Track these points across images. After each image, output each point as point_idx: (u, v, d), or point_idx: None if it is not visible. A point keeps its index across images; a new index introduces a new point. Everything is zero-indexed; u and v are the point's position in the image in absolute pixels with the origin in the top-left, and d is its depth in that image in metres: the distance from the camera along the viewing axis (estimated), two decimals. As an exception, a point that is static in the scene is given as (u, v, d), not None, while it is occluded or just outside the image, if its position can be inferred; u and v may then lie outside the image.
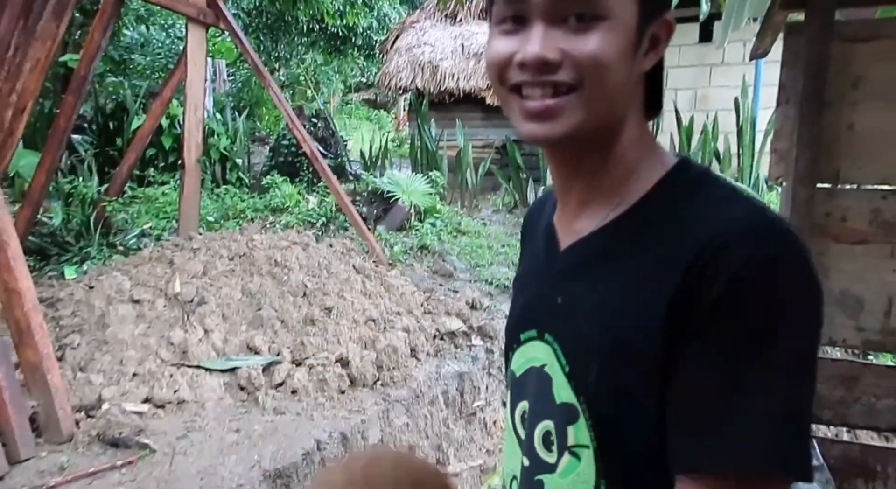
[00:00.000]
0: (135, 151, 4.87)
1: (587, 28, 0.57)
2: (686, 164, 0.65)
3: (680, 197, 0.61)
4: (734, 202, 0.58)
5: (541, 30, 0.57)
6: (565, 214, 0.71)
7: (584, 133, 0.60)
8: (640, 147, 0.65)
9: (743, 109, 6.67)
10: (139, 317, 3.10)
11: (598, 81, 0.57)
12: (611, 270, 0.63)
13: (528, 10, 0.58)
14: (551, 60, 0.57)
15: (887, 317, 2.10)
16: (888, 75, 2.00)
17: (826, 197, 2.09)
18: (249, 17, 12.72)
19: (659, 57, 0.64)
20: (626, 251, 0.62)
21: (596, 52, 0.56)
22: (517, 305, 0.79)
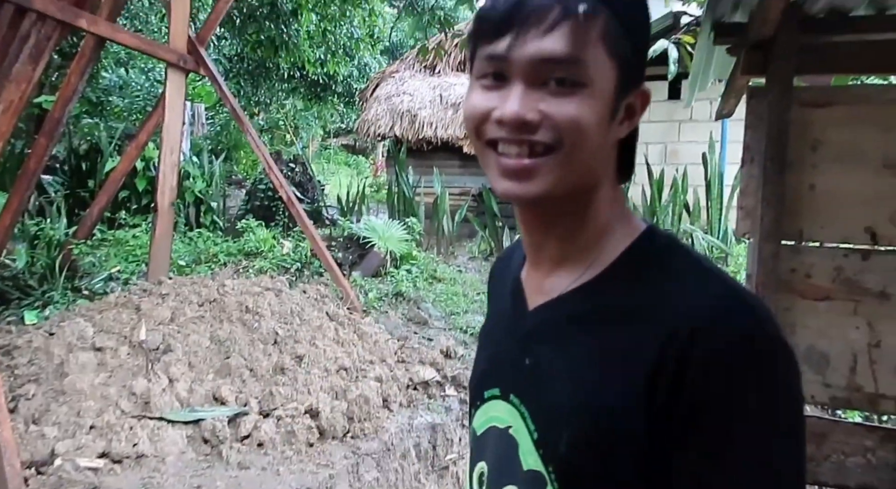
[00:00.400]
0: (106, 193, 4.80)
1: (567, 93, 0.58)
2: (653, 231, 0.66)
3: (649, 267, 0.62)
4: (703, 279, 0.59)
5: (521, 89, 0.58)
6: (535, 273, 0.70)
7: (558, 195, 0.61)
8: (612, 211, 0.66)
9: (711, 164, 6.90)
10: (100, 366, 2.99)
11: (575, 145, 0.58)
12: (582, 337, 0.62)
13: (510, 69, 0.59)
14: (529, 120, 0.58)
15: (853, 374, 2.13)
16: (844, 140, 2.09)
17: (791, 254, 2.14)
18: (231, 63, 12.89)
19: (633, 126, 0.65)
20: (597, 319, 0.62)
21: (575, 117, 0.57)
22: (481, 360, 0.78)
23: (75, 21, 3.40)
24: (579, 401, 0.59)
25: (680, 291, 0.58)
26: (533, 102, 0.58)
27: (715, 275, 0.60)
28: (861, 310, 2.09)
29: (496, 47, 0.59)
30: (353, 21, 10.16)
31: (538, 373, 0.65)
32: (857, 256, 2.09)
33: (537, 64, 0.58)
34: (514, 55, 0.58)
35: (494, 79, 0.60)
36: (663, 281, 0.60)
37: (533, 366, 0.66)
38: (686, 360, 0.54)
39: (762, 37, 2.00)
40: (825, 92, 2.15)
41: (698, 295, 0.57)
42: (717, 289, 0.58)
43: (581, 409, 0.59)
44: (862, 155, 2.07)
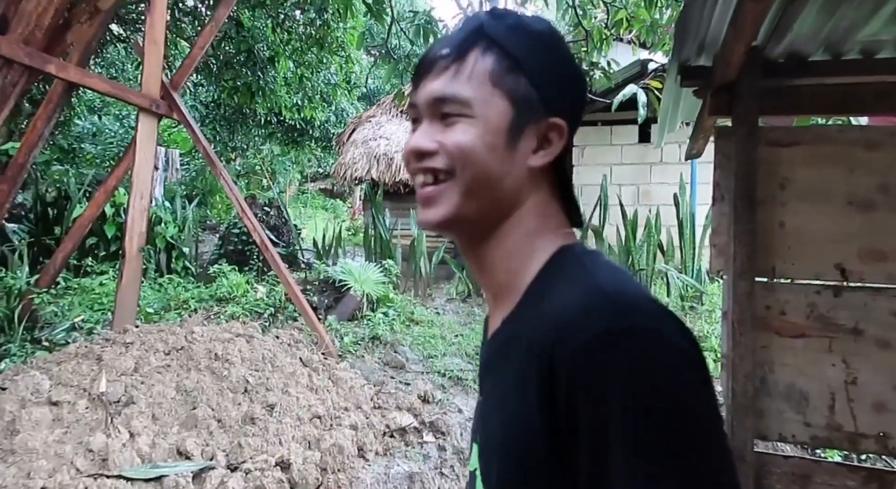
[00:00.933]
0: (72, 240, 4.67)
1: (454, 124, 0.65)
2: (565, 249, 0.66)
3: (550, 284, 0.63)
4: (577, 285, 0.58)
5: (424, 126, 0.68)
6: (490, 307, 0.73)
7: (465, 219, 0.65)
8: (537, 238, 0.67)
9: (682, 205, 7.03)
10: (56, 421, 2.82)
11: (466, 167, 0.64)
12: (506, 364, 0.63)
13: (419, 112, 0.69)
14: (425, 149, 0.65)
15: (832, 413, 2.11)
16: (809, 179, 2.13)
17: (765, 291, 2.15)
18: (207, 109, 12.92)
19: (552, 156, 0.67)
20: (512, 347, 0.62)
21: (459, 142, 0.64)
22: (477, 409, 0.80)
23: (44, 67, 3.36)
24: (505, 431, 0.59)
25: (555, 302, 0.58)
26: (431, 135, 0.66)
27: (591, 277, 0.58)
28: (836, 346, 2.09)
29: (413, 97, 0.70)
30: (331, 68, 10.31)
31: (485, 409, 0.68)
32: (829, 293, 2.10)
33: (430, 104, 0.67)
34: (417, 100, 0.69)
35: (414, 122, 0.71)
36: (550, 296, 0.61)
37: (483, 401, 0.69)
38: (555, 369, 0.53)
39: (726, 80, 2.06)
40: (790, 132, 2.20)
41: (566, 299, 0.57)
42: (584, 291, 0.56)
43: (505, 440, 0.59)
44: (828, 192, 2.11)
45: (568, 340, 0.52)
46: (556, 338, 0.53)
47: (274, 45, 9.00)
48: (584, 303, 0.55)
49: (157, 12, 4.32)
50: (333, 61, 9.94)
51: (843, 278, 2.08)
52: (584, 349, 0.51)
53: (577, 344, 0.52)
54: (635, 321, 0.51)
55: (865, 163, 2.08)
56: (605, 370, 0.49)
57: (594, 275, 0.59)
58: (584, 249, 0.66)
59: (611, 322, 0.51)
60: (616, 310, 0.52)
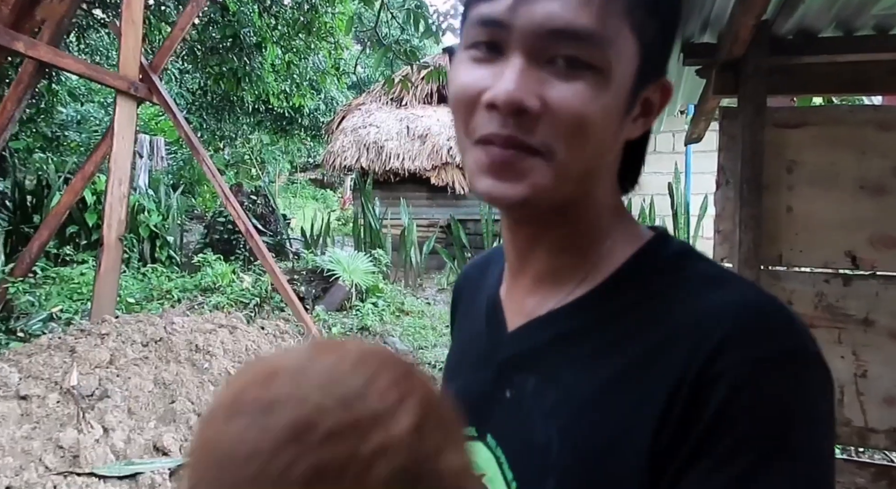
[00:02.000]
0: (48, 228, 4.50)
1: (578, 77, 0.45)
2: (665, 237, 0.54)
3: (660, 276, 0.50)
4: (725, 287, 0.47)
5: (520, 64, 0.45)
6: (517, 288, 0.58)
7: (554, 200, 0.49)
8: (613, 218, 0.55)
9: (677, 194, 6.95)
10: (24, 417, 2.68)
11: (575, 148, 0.47)
12: (575, 362, 0.50)
13: (509, 37, 0.46)
14: (529, 108, 0.45)
15: (840, 407, 2.01)
16: (818, 162, 2.02)
17: (771, 279, 2.04)
18: (194, 97, 12.67)
19: (649, 126, 0.53)
20: (594, 339, 0.50)
21: (580, 111, 0.45)
22: (450, 390, 0.62)
23: (11, 44, 3.19)
24: (573, 441, 0.47)
25: (704, 296, 0.47)
26: (534, 84, 0.45)
27: (744, 281, 0.49)
28: (845, 338, 2.00)
29: (494, 7, 0.46)
30: (319, 54, 10.10)
31: (520, 409, 0.53)
32: (838, 281, 2.00)
33: (545, 35, 0.45)
34: (516, 20, 0.45)
35: (488, 50, 0.47)
36: (680, 289, 0.48)
37: (514, 399, 0.54)
38: (713, 373, 0.43)
39: (733, 57, 1.94)
40: (799, 112, 2.10)
41: (729, 299, 0.46)
42: (750, 295, 0.46)
43: (574, 452, 0.47)
44: (837, 176, 2.01)
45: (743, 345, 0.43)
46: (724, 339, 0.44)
47: (260, 31, 8.79)
48: (760, 310, 0.45)
49: (135, -10, 4.13)
50: (322, 47, 9.74)
51: (854, 266, 1.98)
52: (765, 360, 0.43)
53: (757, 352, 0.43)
54: (812, 345, 0.45)
55: (878, 144, 1.98)
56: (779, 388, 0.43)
57: (739, 277, 0.50)
58: (687, 244, 0.55)
59: (793, 340, 0.44)
60: (793, 328, 0.45)
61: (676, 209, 6.91)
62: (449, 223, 8.85)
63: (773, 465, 0.41)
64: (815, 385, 0.44)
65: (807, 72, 2.09)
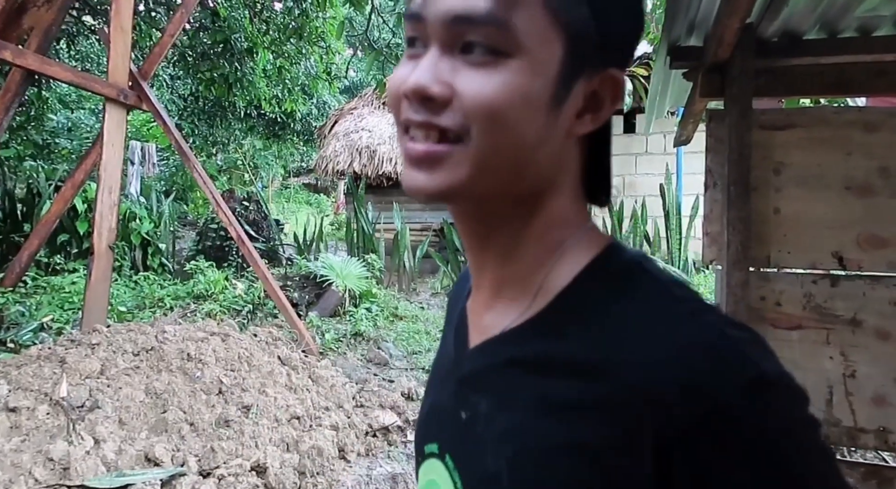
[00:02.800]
0: (38, 237, 4.47)
1: (485, 64, 0.45)
2: (615, 248, 0.52)
3: (609, 296, 0.48)
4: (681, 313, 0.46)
5: (433, 56, 0.47)
6: (478, 301, 0.57)
7: (478, 193, 0.48)
8: (566, 225, 0.52)
9: (668, 195, 6.97)
10: (13, 429, 2.65)
11: (491, 132, 0.45)
12: (524, 388, 0.49)
13: (426, 30, 0.47)
14: (434, 95, 0.45)
15: (829, 407, 2.02)
16: (805, 163, 2.04)
17: (760, 281, 2.05)
18: (185, 103, 12.63)
19: (600, 122, 0.51)
20: (546, 366, 0.48)
21: (488, 96, 0.45)
22: (425, 406, 0.63)
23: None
24: (521, 475, 0.47)
25: (654, 337, 0.44)
26: (443, 73, 0.46)
27: (692, 304, 0.47)
28: (833, 338, 2.01)
29: (414, 3, 0.48)
30: (310, 59, 10.08)
31: (474, 432, 0.52)
32: (825, 282, 2.01)
33: (450, 23, 0.45)
34: (426, 12, 0.47)
35: (413, 45, 0.49)
36: (629, 316, 0.46)
37: (468, 421, 0.53)
38: (679, 426, 0.42)
39: (719, 59, 1.95)
40: (785, 114, 2.10)
41: (679, 342, 0.44)
42: (702, 325, 0.45)
43: (524, 482, 0.46)
44: (824, 177, 2.02)
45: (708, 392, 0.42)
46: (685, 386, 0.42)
47: (252, 36, 8.77)
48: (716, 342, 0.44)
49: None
50: (313, 52, 9.72)
51: (841, 266, 1.99)
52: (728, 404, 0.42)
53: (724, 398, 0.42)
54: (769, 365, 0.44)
55: (864, 145, 1.99)
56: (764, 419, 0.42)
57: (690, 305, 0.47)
58: (640, 254, 0.52)
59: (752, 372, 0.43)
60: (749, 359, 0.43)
61: (668, 210, 6.93)
62: (442, 227, 8.85)
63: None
64: (797, 403, 0.44)
65: (792, 74, 2.10)
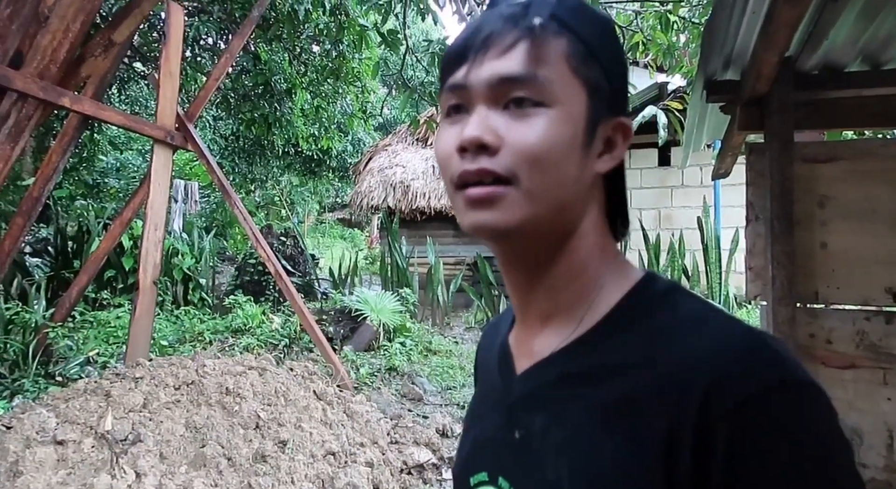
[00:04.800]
0: (87, 273, 4.64)
1: (528, 115, 0.54)
2: (653, 277, 0.59)
3: (652, 314, 0.54)
4: (710, 327, 0.51)
5: (481, 113, 0.55)
6: (522, 333, 0.63)
7: (531, 228, 0.55)
8: (603, 257, 0.59)
9: (706, 228, 6.85)
10: (60, 462, 2.71)
11: (539, 172, 0.53)
12: (580, 401, 0.53)
13: (470, 97, 0.56)
14: (488, 142, 0.53)
15: (890, 452, 1.92)
16: (852, 196, 1.99)
17: (808, 317, 1.99)
18: (226, 142, 13.09)
19: (616, 161, 0.59)
20: (596, 377, 0.53)
21: (532, 142, 0.53)
22: (466, 444, 0.66)
23: (58, 100, 3.37)
24: (582, 478, 0.50)
25: (691, 337, 0.50)
26: (492, 126, 0.54)
27: (728, 317, 0.52)
28: (891, 379, 1.92)
29: (455, 77, 0.57)
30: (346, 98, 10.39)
31: (529, 449, 0.56)
32: (880, 319, 1.93)
33: (495, 85, 0.54)
34: (471, 80, 0.55)
35: (457, 111, 0.57)
36: (670, 327, 0.52)
37: (523, 440, 0.57)
38: (713, 416, 0.46)
39: (757, 93, 1.94)
40: (828, 147, 2.07)
41: (715, 339, 0.49)
42: (735, 331, 0.50)
43: (583, 485, 0.50)
44: (873, 211, 1.97)
45: (733, 387, 0.46)
46: (717, 379, 0.47)
47: (291, 78, 9.11)
48: (744, 348, 0.48)
49: (173, 44, 4.35)
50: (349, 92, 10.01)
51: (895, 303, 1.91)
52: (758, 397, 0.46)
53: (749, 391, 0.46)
54: (803, 373, 0.48)
55: (913, 178, 1.94)
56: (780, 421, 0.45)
57: (724, 315, 0.52)
58: (675, 282, 0.59)
59: (782, 372, 0.47)
60: (780, 359, 0.48)
61: (706, 243, 6.80)
62: (476, 261, 8.85)
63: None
64: (812, 409, 0.46)
65: (834, 106, 2.07)
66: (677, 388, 0.47)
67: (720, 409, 0.45)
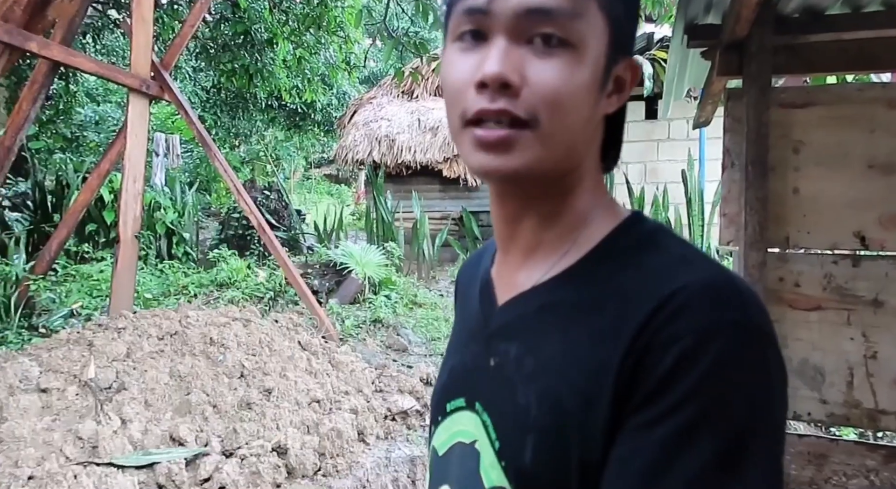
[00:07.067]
0: (66, 226, 4.58)
1: (553, 54, 0.51)
2: (640, 217, 0.59)
3: (632, 251, 0.55)
4: (688, 261, 0.52)
5: (502, 45, 0.51)
6: (506, 266, 0.63)
7: (540, 172, 0.54)
8: (594, 195, 0.59)
9: (690, 181, 6.87)
10: (45, 409, 2.75)
11: (556, 118, 0.51)
12: (554, 329, 0.54)
13: (490, 23, 0.51)
14: (512, 82, 0.50)
15: (850, 389, 1.99)
16: (826, 142, 1.99)
17: (778, 262, 2.02)
18: (207, 95, 12.78)
19: (623, 102, 0.59)
20: (569, 309, 0.54)
21: (557, 85, 0.50)
22: (444, 372, 0.68)
23: (24, 44, 3.25)
24: (548, 403, 0.51)
25: (664, 275, 0.50)
26: (515, 63, 0.50)
27: (707, 259, 0.53)
28: (854, 319, 1.97)
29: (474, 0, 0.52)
30: (330, 49, 10.11)
31: (503, 375, 0.57)
32: (847, 262, 1.97)
33: (522, 16, 0.50)
34: (495, 6, 0.51)
35: (473, 38, 0.53)
36: (649, 265, 0.52)
37: (498, 367, 0.58)
38: (660, 340, 0.46)
39: (736, 37, 1.92)
40: (805, 92, 2.06)
41: (688, 274, 0.49)
42: (709, 271, 0.50)
43: (550, 413, 0.51)
44: (846, 156, 1.98)
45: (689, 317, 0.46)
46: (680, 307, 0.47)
47: (271, 27, 8.83)
48: (710, 285, 0.48)
49: (144, -12, 4.18)
50: (332, 42, 9.74)
51: (863, 246, 1.95)
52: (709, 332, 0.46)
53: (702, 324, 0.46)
54: (762, 321, 0.48)
55: (887, 123, 1.94)
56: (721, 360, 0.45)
57: (704, 256, 0.52)
58: (661, 223, 0.59)
59: (741, 314, 0.47)
60: (742, 302, 0.48)
61: (690, 196, 6.83)
62: (461, 215, 8.85)
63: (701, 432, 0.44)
64: (758, 358, 0.46)
65: (813, 50, 2.05)
66: (640, 319, 0.48)
67: (669, 336, 0.46)
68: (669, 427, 0.44)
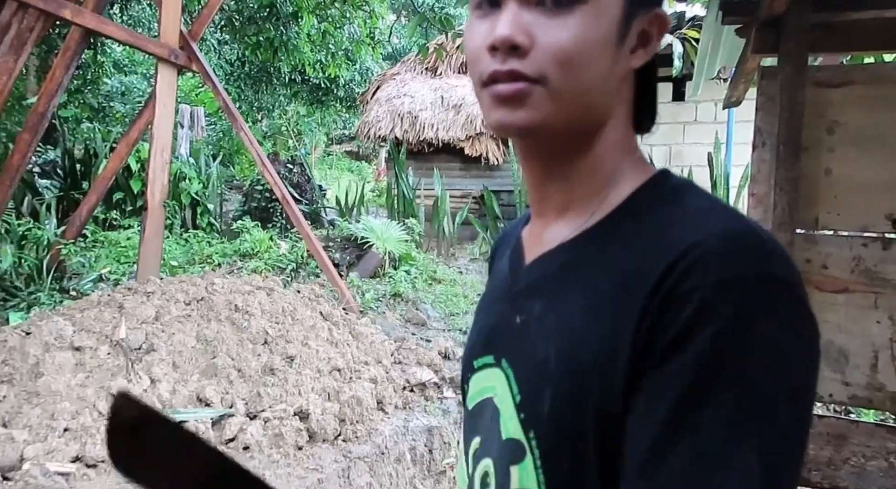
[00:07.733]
0: (96, 193, 4.68)
1: (563, 12, 0.51)
2: (667, 174, 0.59)
3: (655, 206, 0.55)
4: (712, 214, 0.51)
5: (512, 9, 0.52)
6: (537, 227, 0.64)
7: (556, 127, 0.54)
8: (623, 153, 0.59)
9: (716, 165, 6.77)
10: (78, 366, 2.85)
11: (570, 74, 0.52)
12: (575, 285, 0.55)
13: None
14: (520, 43, 0.51)
15: (874, 372, 1.99)
16: (862, 122, 1.96)
17: (806, 243, 2.01)
18: (232, 67, 12.83)
19: (650, 56, 0.58)
20: (590, 266, 0.55)
21: (564, 44, 0.51)
22: (474, 333, 0.70)
23: (58, 11, 3.29)
24: (562, 353, 0.53)
25: (686, 228, 0.50)
26: (524, 25, 0.52)
27: (729, 211, 0.52)
28: (882, 302, 1.96)
29: None
30: (354, 23, 10.06)
31: (527, 331, 0.58)
32: (877, 245, 1.95)
33: None
34: None
35: (489, 5, 0.55)
36: (674, 219, 0.52)
37: (524, 324, 0.59)
38: (681, 291, 0.46)
39: (773, 14, 1.88)
40: (841, 71, 2.02)
41: (708, 225, 0.49)
42: (733, 223, 0.50)
43: (568, 366, 0.52)
44: (882, 137, 1.94)
45: (718, 265, 0.46)
46: (703, 256, 0.47)
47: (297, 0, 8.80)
48: (735, 236, 0.48)
49: (175, -43, 4.19)
50: (357, 16, 9.69)
51: (895, 229, 1.93)
52: (731, 282, 0.45)
53: (724, 274, 0.45)
54: (788, 273, 0.47)
55: (926, 104, 1.90)
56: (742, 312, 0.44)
57: (730, 209, 0.52)
58: (688, 179, 0.59)
59: (765, 266, 0.46)
60: (767, 254, 0.47)
61: (716, 180, 6.74)
62: (482, 194, 8.84)
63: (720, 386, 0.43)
64: (782, 310, 0.46)
65: (851, 28, 2.01)
66: (659, 272, 0.47)
67: (689, 287, 0.45)
68: (688, 379, 0.44)
